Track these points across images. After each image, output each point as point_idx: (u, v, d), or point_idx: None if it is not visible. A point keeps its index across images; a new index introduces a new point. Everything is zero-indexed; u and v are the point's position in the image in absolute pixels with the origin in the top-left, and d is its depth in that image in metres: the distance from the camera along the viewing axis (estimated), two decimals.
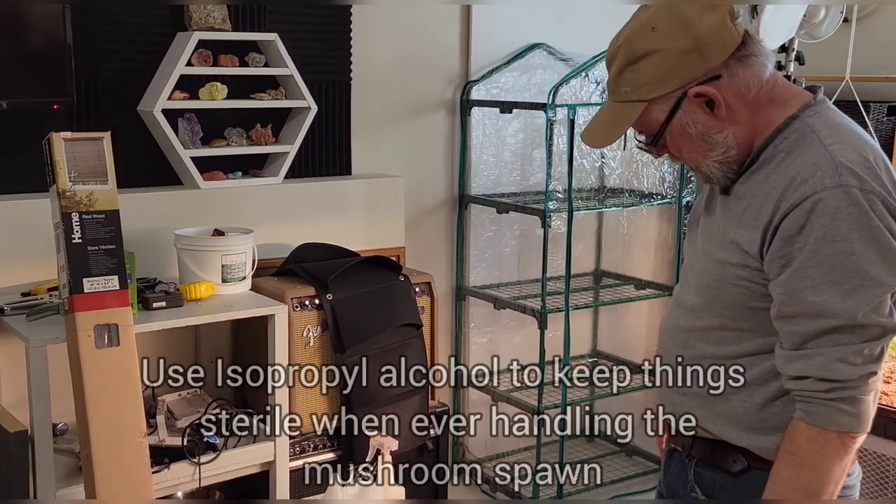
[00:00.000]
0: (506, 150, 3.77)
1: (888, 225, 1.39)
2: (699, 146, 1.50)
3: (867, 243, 1.38)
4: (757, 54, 1.47)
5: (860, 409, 1.42)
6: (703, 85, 1.44)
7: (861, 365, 1.40)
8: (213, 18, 2.94)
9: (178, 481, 2.58)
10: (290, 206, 3.16)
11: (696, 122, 1.47)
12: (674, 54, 1.44)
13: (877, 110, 3.49)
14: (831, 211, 1.38)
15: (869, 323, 1.39)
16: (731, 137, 1.48)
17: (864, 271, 1.38)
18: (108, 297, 2.26)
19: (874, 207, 1.39)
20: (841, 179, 1.39)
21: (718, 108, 1.45)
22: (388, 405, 2.89)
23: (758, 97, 1.48)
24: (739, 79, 1.45)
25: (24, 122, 2.72)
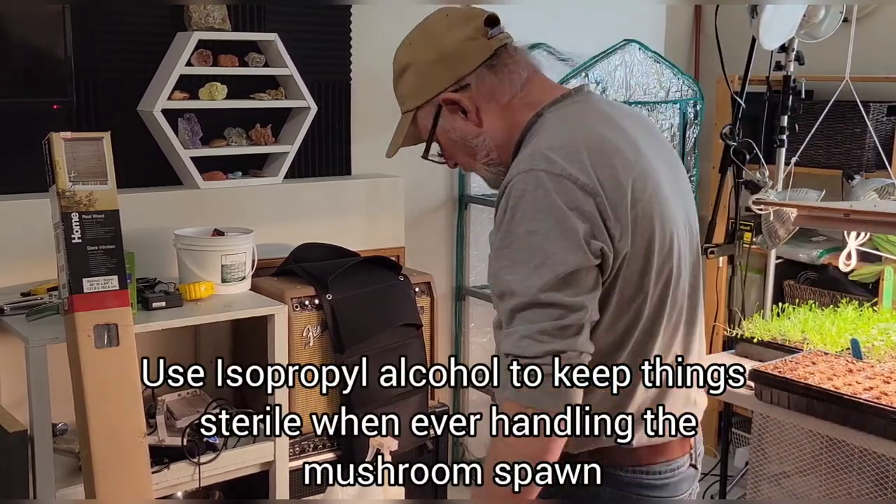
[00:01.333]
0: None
1: (576, 206, 1.40)
2: (465, 150, 1.59)
3: (549, 223, 1.40)
4: (510, 64, 1.53)
5: (542, 384, 1.39)
6: (452, 92, 1.53)
7: (547, 342, 1.38)
8: (213, 18, 2.94)
9: (177, 481, 2.58)
10: (290, 206, 3.16)
11: (454, 128, 1.57)
12: (424, 66, 1.56)
13: (877, 110, 3.48)
14: (518, 193, 1.42)
15: (551, 301, 1.38)
16: (488, 141, 1.56)
17: (545, 250, 1.39)
18: (107, 297, 2.26)
19: (560, 188, 1.40)
20: (532, 164, 1.43)
21: (469, 113, 1.54)
22: (388, 405, 2.89)
23: (513, 102, 1.54)
24: (489, 86, 1.53)
25: (24, 122, 2.72)
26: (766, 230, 3.00)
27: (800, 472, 2.64)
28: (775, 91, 3.26)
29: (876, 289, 3.42)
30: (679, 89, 3.76)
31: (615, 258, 1.44)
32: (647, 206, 1.47)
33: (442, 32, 1.56)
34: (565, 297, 1.39)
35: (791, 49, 3.16)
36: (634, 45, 3.62)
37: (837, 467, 2.52)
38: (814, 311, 3.01)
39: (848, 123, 3.53)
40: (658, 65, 3.71)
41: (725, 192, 3.23)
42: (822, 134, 3.49)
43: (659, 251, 1.49)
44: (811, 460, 2.60)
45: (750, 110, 3.24)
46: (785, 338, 2.83)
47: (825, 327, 2.84)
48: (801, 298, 3.61)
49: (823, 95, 3.45)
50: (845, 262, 3.04)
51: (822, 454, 2.56)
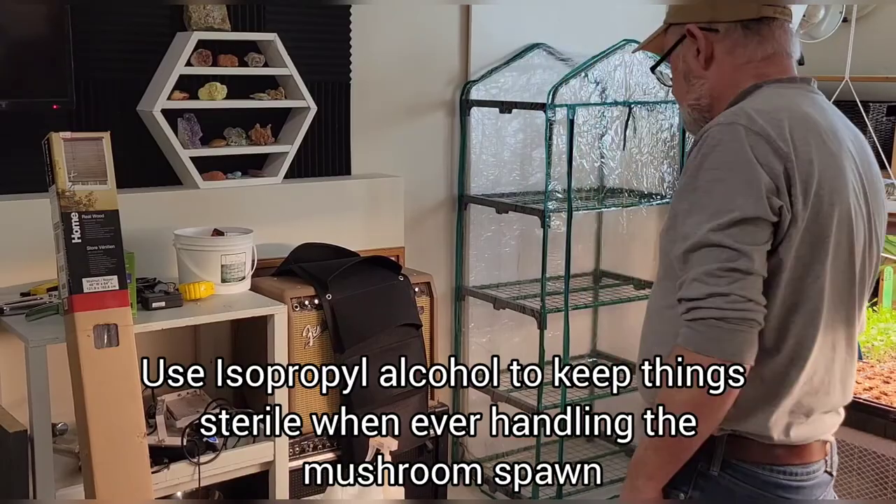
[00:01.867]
0: (505, 150, 3.77)
1: (766, 162, 1.43)
2: (682, 84, 1.66)
3: (736, 174, 1.44)
4: (764, 34, 1.58)
5: (706, 329, 1.40)
6: (700, 29, 1.60)
7: (712, 284, 1.40)
8: (213, 18, 2.94)
9: (177, 481, 2.58)
10: (290, 206, 3.17)
11: (686, 59, 1.64)
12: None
13: (876, 110, 3.49)
14: (713, 142, 1.47)
15: (720, 242, 1.41)
16: (706, 87, 1.62)
17: (726, 198, 1.43)
18: (107, 297, 2.26)
19: (755, 143, 1.44)
20: (733, 118, 1.48)
21: (701, 54, 1.60)
22: (388, 405, 2.89)
23: (746, 67, 1.59)
24: (733, 41, 1.58)
25: (24, 122, 2.72)
26: None
27: None
28: None
29: (876, 289, 3.42)
30: None
31: (791, 224, 1.45)
32: (830, 198, 1.48)
33: None
34: (735, 241, 1.40)
35: None
36: (634, 45, 3.61)
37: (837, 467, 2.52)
38: None
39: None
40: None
41: None
42: None
43: (830, 248, 1.49)
44: None
45: None
46: None
47: None
48: None
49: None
50: None
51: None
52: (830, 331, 1.54)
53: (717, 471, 1.53)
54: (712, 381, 1.41)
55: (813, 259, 1.48)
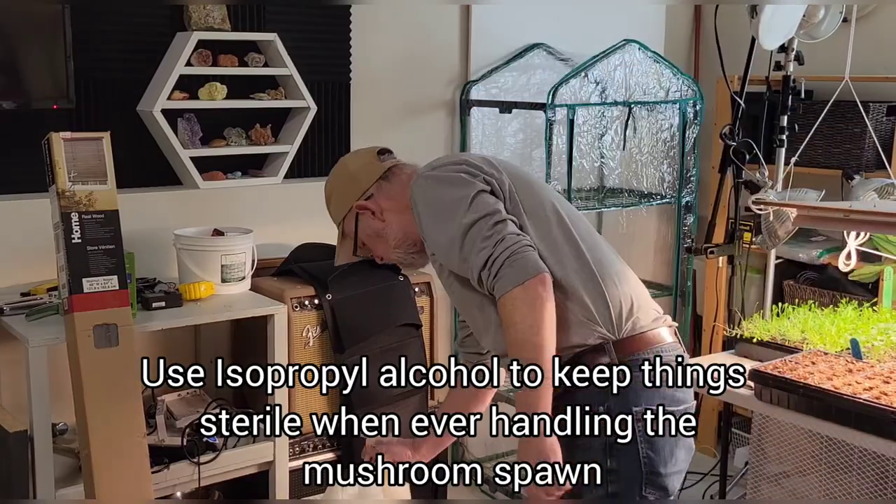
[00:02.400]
0: (505, 150, 3.77)
1: (452, 170, 1.86)
2: (381, 242, 2.03)
3: (439, 190, 1.86)
4: (398, 173, 2.02)
5: (510, 269, 1.72)
6: (362, 201, 2.01)
7: (490, 244, 1.75)
8: (213, 18, 2.94)
9: (177, 481, 2.58)
10: (290, 206, 3.16)
11: (368, 226, 2.02)
12: (341, 188, 2.06)
13: (876, 110, 3.49)
14: (415, 196, 1.89)
15: (477, 217, 1.78)
16: (395, 227, 1.99)
17: (444, 202, 1.84)
18: (107, 297, 2.27)
19: (438, 173, 1.88)
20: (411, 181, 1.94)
21: (376, 213, 2.00)
22: (388, 405, 2.89)
23: (403, 194, 1.97)
24: (385, 191, 2.01)
25: (24, 122, 2.72)
26: (766, 230, 3.00)
27: (800, 472, 2.64)
28: (775, 91, 3.26)
29: (876, 289, 3.42)
30: (679, 89, 3.76)
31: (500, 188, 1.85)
32: (514, 172, 1.92)
33: (349, 165, 2.08)
34: (480, 211, 1.79)
35: (791, 49, 3.16)
36: (634, 45, 3.62)
37: (837, 467, 2.52)
38: (813, 311, 3.01)
39: (847, 123, 3.53)
40: (658, 65, 3.71)
41: (725, 192, 3.23)
42: (822, 134, 3.48)
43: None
44: (811, 460, 2.60)
45: (750, 110, 3.24)
46: (785, 338, 2.83)
47: (825, 327, 2.84)
48: (800, 298, 3.61)
49: (823, 95, 3.45)
50: (845, 262, 3.04)
51: (822, 454, 2.56)
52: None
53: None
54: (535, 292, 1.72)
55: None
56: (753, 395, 2.54)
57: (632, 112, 3.68)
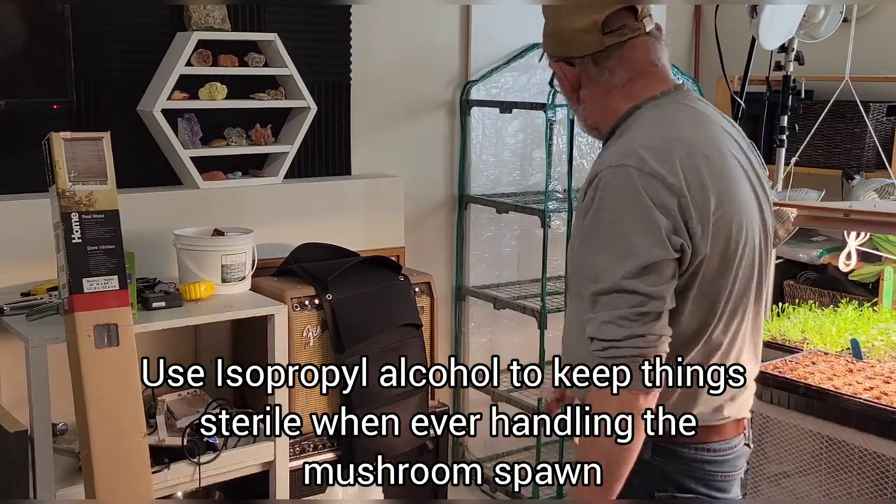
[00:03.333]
0: (505, 150, 3.77)
1: (661, 202, 1.53)
2: (569, 101, 1.77)
3: (635, 216, 1.53)
4: (617, 66, 1.67)
5: (630, 367, 1.52)
6: (562, 63, 1.71)
7: (627, 327, 1.51)
8: (213, 18, 2.94)
9: (177, 481, 2.58)
10: (290, 206, 3.16)
11: (563, 86, 1.74)
12: (547, 29, 1.73)
13: (876, 110, 3.49)
14: (607, 185, 1.56)
15: (633, 289, 1.52)
16: (584, 111, 1.73)
17: (630, 240, 1.53)
18: (107, 297, 2.26)
19: (648, 185, 1.53)
20: (624, 160, 1.57)
21: (562, 85, 1.73)
22: (388, 405, 2.89)
23: (612, 94, 1.68)
24: (590, 75, 1.68)
25: (24, 122, 2.72)
26: None
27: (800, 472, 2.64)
28: (775, 91, 3.26)
29: (876, 289, 3.42)
30: None
31: (693, 255, 1.56)
32: (728, 212, 1.59)
33: (566, 12, 1.68)
34: (646, 286, 1.52)
35: (791, 49, 3.16)
36: None
37: (837, 467, 2.52)
38: (814, 311, 3.01)
39: (848, 123, 3.53)
40: None
41: None
42: (822, 134, 3.49)
43: (736, 255, 1.61)
44: (811, 460, 2.60)
45: (750, 110, 3.24)
46: (785, 338, 2.83)
47: (825, 327, 2.84)
48: (801, 298, 3.61)
49: (823, 95, 3.45)
50: (845, 262, 3.04)
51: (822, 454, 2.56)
52: (738, 323, 1.67)
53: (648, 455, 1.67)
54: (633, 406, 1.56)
55: (719, 275, 1.60)
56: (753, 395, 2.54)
57: None
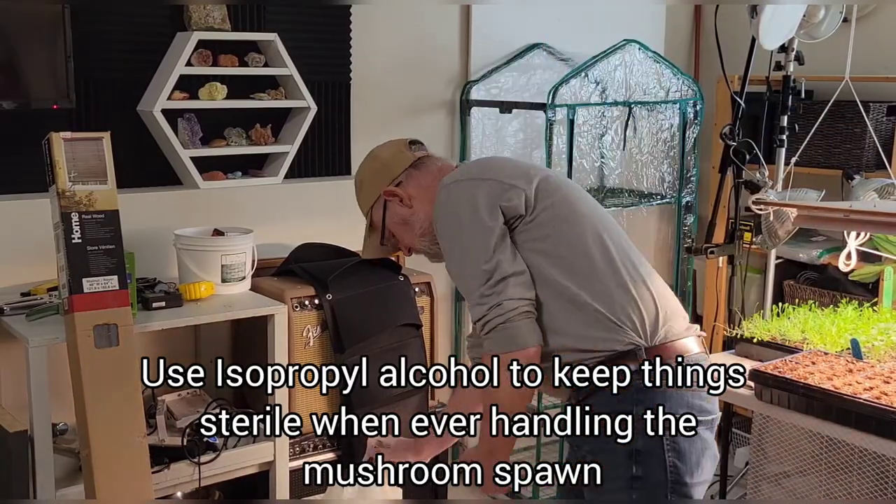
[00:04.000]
0: (505, 150, 3.77)
1: (471, 209, 1.85)
2: (407, 230, 2.04)
3: (460, 217, 1.87)
4: (428, 163, 2.06)
5: (498, 334, 1.83)
6: (391, 187, 2.03)
7: (485, 301, 1.83)
8: (213, 18, 2.94)
9: (177, 481, 2.58)
10: (290, 206, 3.16)
11: (395, 213, 2.04)
12: (371, 176, 2.08)
13: (876, 110, 3.49)
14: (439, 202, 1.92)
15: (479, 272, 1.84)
16: (421, 216, 2.00)
17: (456, 236, 1.88)
18: (107, 297, 2.26)
19: (462, 197, 1.88)
20: (440, 191, 1.93)
21: (404, 199, 2.02)
22: (388, 405, 2.89)
23: (432, 185, 1.99)
24: (415, 179, 2.03)
25: (24, 122, 2.72)
26: (766, 230, 3.00)
27: (800, 472, 2.64)
28: (775, 91, 3.26)
29: (876, 289, 3.42)
30: (679, 89, 3.76)
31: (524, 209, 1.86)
32: (550, 179, 1.92)
33: (380, 153, 2.10)
34: (483, 265, 1.84)
35: (791, 49, 3.16)
36: (634, 45, 3.62)
37: (837, 467, 2.52)
38: (814, 311, 3.01)
39: (848, 123, 3.53)
40: (658, 65, 3.71)
41: (725, 192, 3.23)
42: (822, 134, 3.48)
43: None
44: (811, 460, 2.60)
45: (750, 110, 3.24)
46: (785, 338, 2.83)
47: (825, 327, 2.84)
48: (801, 298, 3.61)
49: (823, 95, 3.45)
50: (845, 262, 3.04)
51: (822, 454, 2.55)
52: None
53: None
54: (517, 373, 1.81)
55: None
56: (753, 395, 2.54)
57: (632, 112, 3.68)
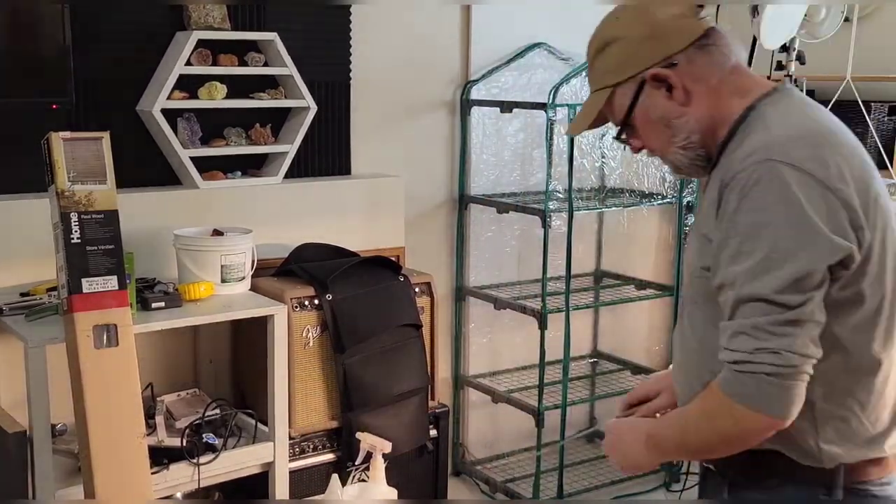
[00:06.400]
0: (506, 149, 3.77)
1: (812, 201, 1.36)
2: (662, 132, 1.54)
3: (783, 216, 1.37)
4: (719, 45, 1.51)
5: (754, 384, 1.37)
6: (662, 69, 1.50)
7: (762, 339, 1.36)
8: (213, 18, 2.93)
9: (177, 482, 2.57)
10: (290, 206, 3.16)
11: (656, 105, 1.52)
12: (635, 41, 1.51)
13: (878, 110, 3.48)
14: (752, 183, 1.39)
15: (777, 301, 1.36)
16: (692, 122, 1.52)
17: (774, 244, 1.36)
18: (106, 297, 2.26)
19: (799, 181, 1.37)
20: (768, 154, 1.40)
21: (676, 91, 1.50)
22: (388, 405, 2.89)
23: (720, 86, 1.51)
24: (698, 66, 1.50)
25: (24, 122, 2.72)
26: None
27: None
28: None
29: None
30: None
31: (860, 252, 1.39)
32: (884, 204, 1.44)
33: (656, 7, 1.51)
34: (792, 298, 1.36)
35: (792, 49, 3.16)
36: None
37: None
38: None
39: (849, 123, 3.47)
40: None
41: None
42: None
43: (893, 253, 1.45)
44: None
45: None
46: None
47: None
48: None
49: (825, 95, 3.44)
50: None
51: None
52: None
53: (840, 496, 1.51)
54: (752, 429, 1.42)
55: (881, 274, 1.44)
56: None
57: None
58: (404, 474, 2.93)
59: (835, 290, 1.40)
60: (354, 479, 2.72)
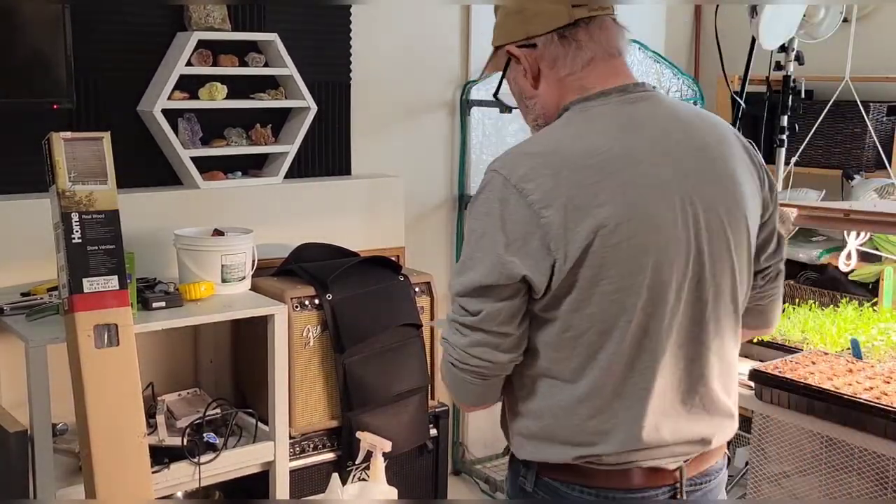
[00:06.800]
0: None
1: (508, 218, 1.38)
2: (521, 106, 1.58)
3: (480, 226, 1.42)
4: (582, 40, 1.47)
5: (445, 369, 1.50)
6: (518, 48, 1.50)
7: (451, 332, 1.48)
8: (213, 18, 2.94)
9: (177, 481, 2.58)
10: (290, 206, 3.16)
11: (516, 80, 1.54)
12: (508, 13, 1.54)
13: (876, 110, 3.49)
14: (479, 187, 1.46)
15: (459, 303, 1.46)
16: (539, 107, 1.53)
17: (472, 253, 1.43)
18: (107, 297, 2.26)
19: (504, 196, 1.39)
20: (496, 163, 1.45)
21: (528, 73, 1.50)
22: (388, 405, 2.89)
23: (568, 79, 1.48)
24: (552, 54, 1.48)
25: (24, 121, 2.72)
26: None
27: (800, 472, 2.64)
28: (775, 91, 3.26)
29: (876, 289, 3.42)
30: (679, 89, 3.76)
31: (550, 280, 1.38)
32: (618, 243, 1.37)
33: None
34: (467, 300, 1.44)
35: (791, 49, 3.16)
36: (634, 45, 3.62)
37: (837, 467, 2.52)
38: (814, 311, 3.01)
39: (848, 123, 3.53)
40: (658, 65, 3.71)
41: None
42: (822, 134, 3.49)
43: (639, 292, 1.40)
44: (811, 460, 2.60)
45: (750, 110, 3.24)
46: (785, 338, 2.83)
47: (825, 327, 2.84)
48: (801, 298, 3.61)
49: (823, 95, 3.45)
50: (845, 262, 3.04)
51: (822, 454, 2.55)
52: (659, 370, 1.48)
53: (531, 487, 1.54)
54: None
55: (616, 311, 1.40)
56: (753, 395, 2.54)
57: None
58: (404, 473, 2.94)
59: (537, 307, 1.42)
60: (354, 478, 2.72)
